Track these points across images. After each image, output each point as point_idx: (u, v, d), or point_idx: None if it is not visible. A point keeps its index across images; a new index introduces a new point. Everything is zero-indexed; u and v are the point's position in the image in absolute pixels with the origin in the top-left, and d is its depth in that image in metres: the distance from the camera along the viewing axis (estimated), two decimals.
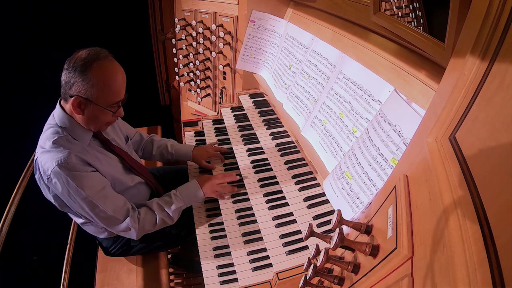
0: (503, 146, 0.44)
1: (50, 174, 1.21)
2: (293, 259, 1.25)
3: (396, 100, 1.04)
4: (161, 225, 1.48)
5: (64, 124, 1.27)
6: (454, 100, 0.61)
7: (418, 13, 1.02)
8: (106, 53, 1.22)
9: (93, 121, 1.28)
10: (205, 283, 1.36)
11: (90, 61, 1.17)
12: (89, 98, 1.20)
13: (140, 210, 1.44)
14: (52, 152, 1.22)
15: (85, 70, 1.16)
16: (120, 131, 1.60)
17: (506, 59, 0.49)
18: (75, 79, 1.18)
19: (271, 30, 1.97)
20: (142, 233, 1.45)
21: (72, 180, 1.21)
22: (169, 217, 1.48)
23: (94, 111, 1.24)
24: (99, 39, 1.30)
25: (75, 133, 1.29)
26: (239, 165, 1.67)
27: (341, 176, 1.20)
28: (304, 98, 1.62)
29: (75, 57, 1.19)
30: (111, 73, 1.21)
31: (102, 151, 1.40)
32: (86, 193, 1.25)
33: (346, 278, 0.71)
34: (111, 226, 1.39)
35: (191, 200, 1.55)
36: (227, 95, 2.30)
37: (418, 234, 0.56)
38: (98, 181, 1.30)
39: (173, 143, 1.85)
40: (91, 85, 1.18)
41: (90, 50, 1.20)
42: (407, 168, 0.73)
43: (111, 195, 1.35)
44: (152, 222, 1.45)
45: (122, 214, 1.37)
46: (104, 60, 1.19)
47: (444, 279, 0.43)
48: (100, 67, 1.18)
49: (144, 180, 1.59)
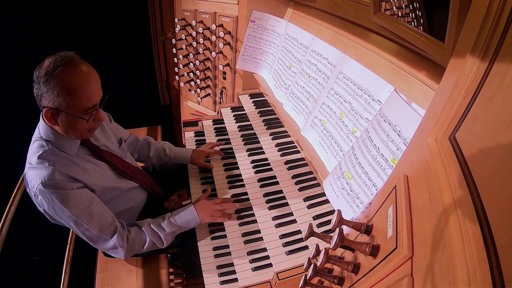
0: (503, 146, 0.44)
1: (36, 191, 1.19)
2: (293, 259, 1.25)
3: (396, 100, 1.04)
4: (151, 248, 1.43)
5: (48, 137, 1.22)
6: (454, 100, 0.61)
7: (418, 13, 1.02)
8: (71, 56, 1.13)
9: (71, 130, 1.21)
10: (205, 283, 1.36)
11: (51, 69, 1.09)
12: (58, 107, 1.13)
13: (130, 230, 1.39)
14: (37, 168, 1.19)
15: (47, 80, 1.09)
16: (112, 134, 1.54)
17: (506, 59, 0.49)
18: (41, 91, 1.12)
19: (271, 30, 1.97)
20: (131, 253, 1.40)
21: (56, 199, 1.18)
22: (160, 241, 1.42)
23: (68, 120, 1.17)
24: (99, 39, 1.30)
25: (60, 145, 1.23)
26: (239, 165, 1.67)
27: (341, 176, 1.20)
28: (304, 98, 1.62)
29: (40, 68, 1.12)
30: (76, 78, 1.11)
31: (91, 159, 1.35)
32: (71, 211, 1.22)
33: (346, 278, 0.71)
34: (97, 244, 1.34)
35: (186, 227, 1.48)
36: (227, 95, 2.30)
37: (418, 234, 0.56)
38: (83, 199, 1.26)
39: (171, 146, 1.82)
40: (56, 94, 1.10)
41: (54, 56, 1.12)
42: (407, 168, 0.73)
43: (98, 212, 1.29)
44: (141, 244, 1.40)
45: (109, 233, 1.32)
46: (67, 66, 1.10)
47: (444, 279, 0.43)
48: (63, 73, 1.09)
49: (139, 184, 1.56)
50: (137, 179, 1.55)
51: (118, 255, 1.39)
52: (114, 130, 1.58)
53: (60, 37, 2.33)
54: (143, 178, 1.59)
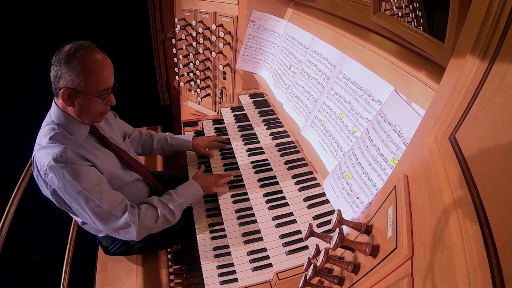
0: (503, 146, 0.44)
1: (47, 169, 1.22)
2: (293, 259, 1.25)
3: (396, 100, 1.04)
4: (163, 223, 1.44)
5: (60, 121, 1.29)
6: (454, 100, 0.61)
7: (418, 13, 1.02)
8: (89, 43, 1.25)
9: (85, 112, 1.28)
10: (205, 283, 1.36)
11: (73, 51, 1.19)
12: (77, 87, 1.22)
13: (140, 207, 1.42)
14: (49, 147, 1.24)
15: (69, 61, 1.19)
16: (117, 129, 1.60)
17: (506, 59, 0.49)
18: (61, 72, 1.20)
19: (271, 30, 1.97)
20: (144, 232, 1.40)
21: (67, 173, 1.22)
22: (171, 214, 1.45)
23: (84, 100, 1.25)
24: (99, 39, 1.31)
25: (71, 129, 1.30)
26: (239, 165, 1.67)
27: (341, 176, 1.20)
28: (304, 98, 1.62)
29: (60, 52, 1.22)
30: (95, 60, 1.23)
31: (99, 147, 1.41)
32: (82, 186, 1.24)
33: (346, 278, 0.71)
34: (108, 223, 1.32)
35: (191, 197, 1.56)
36: (227, 95, 2.30)
37: (418, 234, 0.56)
38: (94, 176, 1.30)
39: (172, 135, 1.90)
40: (77, 74, 1.20)
41: (73, 43, 1.23)
42: (407, 168, 0.73)
43: (108, 190, 1.33)
44: (153, 218, 1.41)
45: (119, 210, 1.33)
46: (87, 50, 1.22)
47: (444, 279, 0.43)
48: (84, 56, 1.20)
49: (142, 178, 1.60)
50: (141, 172, 1.59)
51: (130, 235, 1.37)
52: (119, 125, 1.65)
53: (60, 37, 2.33)
54: (146, 172, 1.63)
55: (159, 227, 1.44)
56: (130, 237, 1.39)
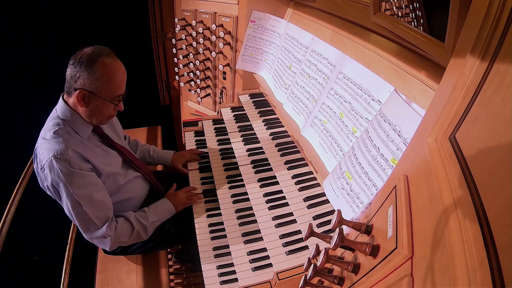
0: (503, 146, 0.44)
1: (44, 164, 1.25)
2: (293, 259, 1.25)
3: (396, 100, 1.04)
4: (136, 238, 1.49)
5: (66, 117, 1.32)
6: (454, 100, 0.61)
7: (418, 13, 1.02)
8: (109, 50, 1.31)
9: (95, 113, 1.34)
10: (205, 283, 1.36)
11: (95, 56, 1.25)
12: (93, 91, 1.27)
13: (118, 220, 1.44)
14: (51, 142, 1.26)
15: (90, 64, 1.24)
16: (119, 128, 1.65)
17: (506, 59, 0.49)
18: (80, 73, 1.25)
19: (271, 30, 1.97)
20: (117, 244, 1.45)
21: (62, 174, 1.25)
22: (145, 230, 1.50)
23: (98, 103, 1.31)
24: (99, 39, 1.32)
25: (75, 126, 1.33)
26: (239, 165, 1.67)
27: (341, 176, 1.20)
28: (304, 98, 1.62)
29: (80, 53, 1.27)
30: (114, 68, 1.29)
31: (101, 146, 1.45)
32: (73, 190, 1.27)
33: (346, 278, 0.71)
34: (87, 231, 1.38)
35: (164, 215, 1.59)
36: (227, 95, 2.30)
37: (418, 234, 0.56)
38: (88, 182, 1.32)
39: (155, 148, 1.94)
40: (96, 78, 1.25)
41: (94, 47, 1.28)
42: (407, 168, 0.73)
43: (97, 200, 1.35)
44: (128, 233, 1.46)
45: (101, 221, 1.37)
46: (108, 56, 1.28)
47: (444, 279, 0.43)
48: (104, 62, 1.26)
49: (143, 175, 1.63)
50: (142, 170, 1.63)
51: (104, 245, 1.44)
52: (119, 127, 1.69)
53: (60, 37, 2.33)
54: (147, 171, 1.67)
55: (131, 241, 1.50)
56: (104, 247, 1.48)
